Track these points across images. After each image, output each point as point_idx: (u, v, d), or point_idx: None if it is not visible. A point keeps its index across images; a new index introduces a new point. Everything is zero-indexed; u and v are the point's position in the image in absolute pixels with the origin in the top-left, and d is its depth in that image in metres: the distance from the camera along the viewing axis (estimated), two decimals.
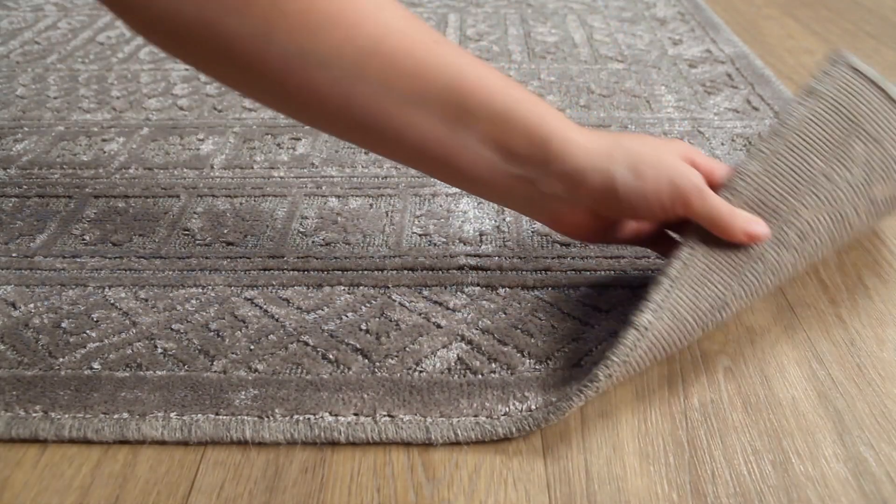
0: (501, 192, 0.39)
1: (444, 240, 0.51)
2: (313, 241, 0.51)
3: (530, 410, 0.37)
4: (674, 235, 0.42)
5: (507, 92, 0.36)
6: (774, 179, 0.39)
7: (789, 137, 0.40)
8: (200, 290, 0.46)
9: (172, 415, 0.38)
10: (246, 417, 0.37)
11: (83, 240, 0.51)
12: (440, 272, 0.48)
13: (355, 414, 0.38)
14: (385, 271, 0.48)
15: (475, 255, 0.49)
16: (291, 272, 0.48)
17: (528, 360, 0.41)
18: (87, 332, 0.43)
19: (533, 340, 0.42)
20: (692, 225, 0.38)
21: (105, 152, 0.62)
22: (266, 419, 0.37)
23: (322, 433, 0.37)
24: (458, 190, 0.56)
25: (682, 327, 0.37)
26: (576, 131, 0.37)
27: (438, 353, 0.41)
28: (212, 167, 0.60)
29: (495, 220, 0.53)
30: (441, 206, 0.54)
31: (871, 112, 0.40)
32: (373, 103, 0.34)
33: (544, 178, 0.37)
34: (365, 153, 0.61)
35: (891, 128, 0.40)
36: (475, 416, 0.37)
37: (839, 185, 0.39)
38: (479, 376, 0.40)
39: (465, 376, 0.40)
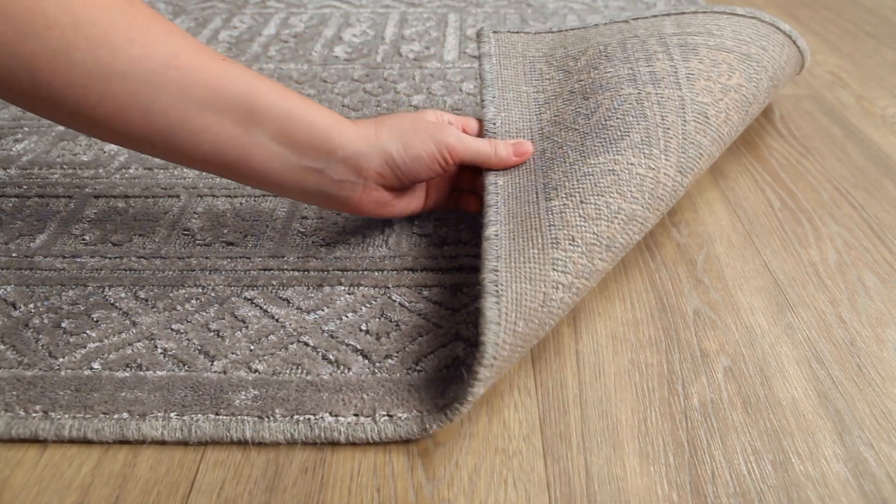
0: (296, 185, 0.42)
1: (444, 240, 0.51)
2: (313, 241, 0.51)
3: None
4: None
5: (289, 96, 0.41)
6: (509, 110, 0.51)
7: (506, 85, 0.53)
8: (200, 290, 0.46)
9: (172, 415, 0.38)
10: (246, 417, 0.37)
11: (83, 240, 0.51)
12: (440, 272, 0.48)
13: (355, 414, 0.38)
14: (385, 271, 0.48)
15: (475, 256, 0.49)
16: (291, 272, 0.48)
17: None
18: (87, 332, 0.43)
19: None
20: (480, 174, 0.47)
21: (105, 152, 0.62)
22: (266, 419, 0.37)
23: (322, 433, 0.37)
24: None
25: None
26: (348, 123, 0.42)
27: (438, 353, 0.41)
28: None
29: None
30: None
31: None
32: (171, 111, 0.38)
33: (332, 166, 0.42)
34: None
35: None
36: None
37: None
38: None
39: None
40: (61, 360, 0.41)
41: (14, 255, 0.50)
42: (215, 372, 0.40)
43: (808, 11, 0.95)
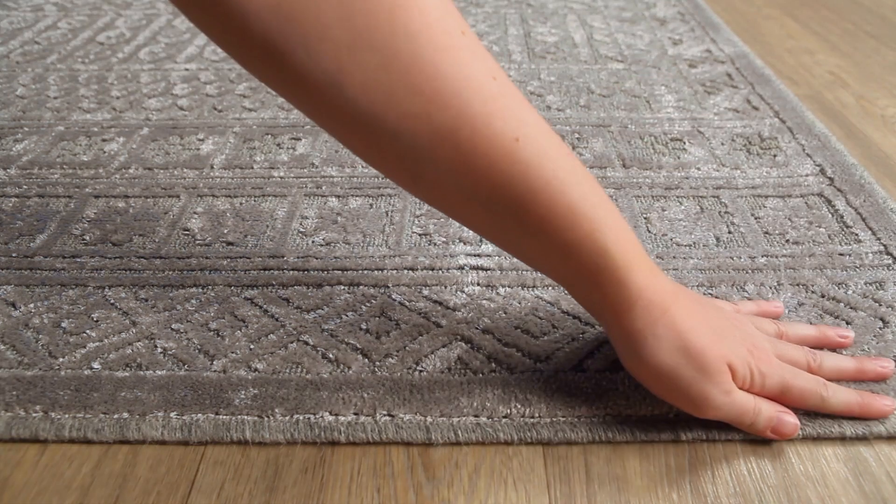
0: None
1: (444, 240, 0.51)
2: (313, 241, 0.51)
3: (533, 417, 0.37)
4: None
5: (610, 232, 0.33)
6: None
7: None
8: (200, 290, 0.46)
9: (172, 414, 0.38)
10: (246, 417, 0.37)
11: (83, 240, 0.51)
12: (440, 272, 0.48)
13: (355, 413, 0.38)
14: (385, 271, 0.48)
15: (475, 255, 0.49)
16: (291, 272, 0.48)
17: (527, 360, 0.41)
18: (87, 331, 0.43)
19: (533, 340, 0.42)
20: None
21: (105, 152, 0.62)
22: (266, 419, 0.37)
23: (322, 433, 0.37)
24: None
25: None
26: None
27: (438, 353, 0.41)
28: (212, 167, 0.60)
29: None
30: None
31: None
32: (436, 188, 0.32)
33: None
34: None
35: None
36: (475, 416, 0.37)
37: None
38: (480, 375, 0.40)
39: (464, 375, 0.40)
40: (61, 359, 0.41)
41: (14, 255, 0.50)
42: (215, 371, 0.40)
43: (808, 11, 0.95)
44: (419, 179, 0.32)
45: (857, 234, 0.51)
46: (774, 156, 0.61)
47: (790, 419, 0.36)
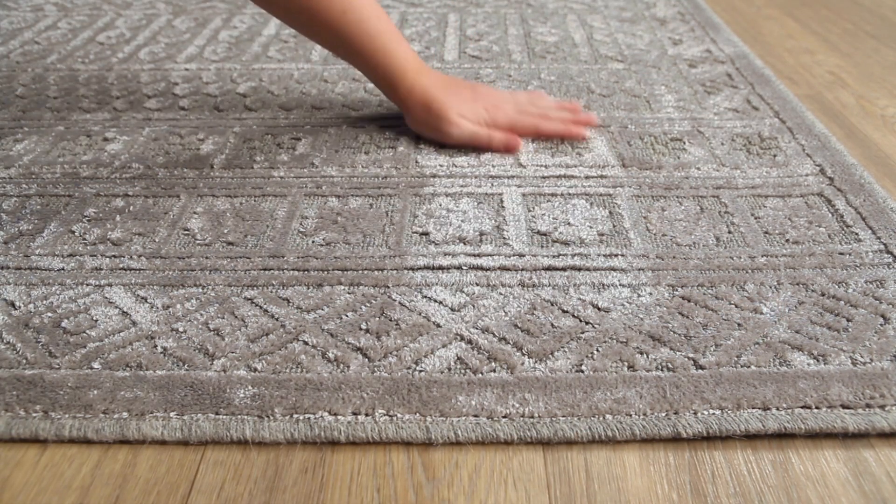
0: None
1: (444, 240, 0.51)
2: (313, 241, 0.51)
3: (533, 417, 0.37)
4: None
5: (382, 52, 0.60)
6: None
7: None
8: (200, 290, 0.46)
9: (172, 414, 0.38)
10: (246, 417, 0.37)
11: (83, 239, 0.51)
12: (440, 272, 0.48)
13: (354, 413, 0.38)
14: (385, 271, 0.48)
15: (475, 255, 0.49)
16: (291, 272, 0.48)
17: (527, 360, 0.41)
18: (87, 331, 0.43)
19: (532, 340, 0.42)
20: None
21: (105, 152, 0.62)
22: (266, 418, 0.37)
23: (322, 432, 0.37)
24: (457, 190, 0.56)
25: None
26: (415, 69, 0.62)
27: (438, 353, 0.41)
28: (212, 167, 0.60)
29: (495, 220, 0.53)
30: (441, 205, 0.54)
31: None
32: (303, 30, 0.61)
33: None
34: (365, 153, 0.61)
35: None
36: (475, 416, 0.37)
37: None
38: (479, 375, 0.40)
39: (464, 375, 0.40)
40: (61, 359, 0.41)
41: (14, 254, 0.50)
42: (215, 371, 0.40)
43: (808, 11, 0.95)
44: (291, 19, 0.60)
45: (857, 234, 0.51)
46: (774, 156, 0.61)
47: (514, 138, 0.61)
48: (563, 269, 0.48)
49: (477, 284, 0.46)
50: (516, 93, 0.67)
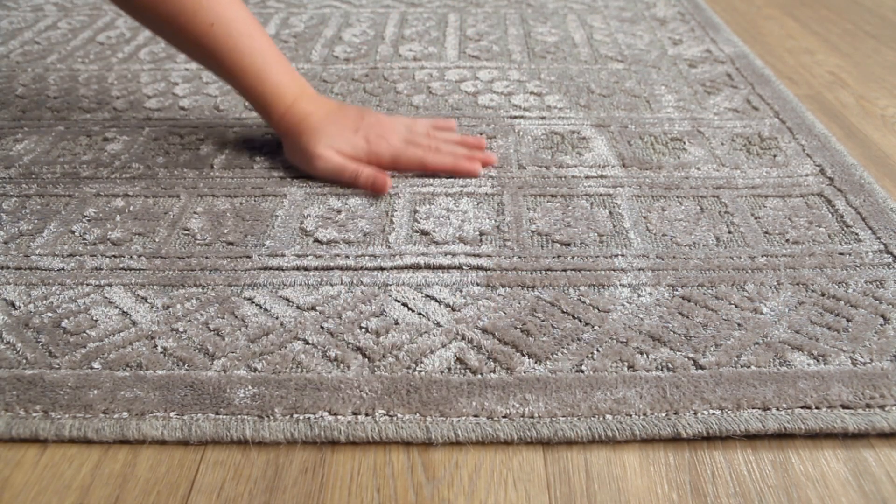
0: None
1: (444, 239, 0.51)
2: (313, 240, 0.51)
3: (533, 417, 0.37)
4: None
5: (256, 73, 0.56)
6: None
7: None
8: (200, 290, 0.46)
9: (172, 414, 0.38)
10: (246, 417, 0.37)
11: (83, 239, 0.51)
12: (440, 272, 0.48)
13: (354, 413, 0.38)
14: (385, 271, 0.48)
15: (475, 255, 0.49)
16: (291, 271, 0.48)
17: (527, 360, 0.41)
18: (87, 331, 0.43)
19: (532, 340, 0.42)
20: None
21: (105, 152, 0.62)
22: (266, 418, 0.37)
23: (322, 432, 0.37)
24: (458, 190, 0.56)
25: None
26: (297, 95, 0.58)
27: (438, 353, 0.41)
28: (212, 167, 0.60)
29: (495, 220, 0.53)
30: (441, 205, 0.54)
31: None
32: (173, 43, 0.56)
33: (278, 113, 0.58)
34: None
35: None
36: (475, 416, 0.37)
37: None
38: (479, 376, 0.40)
39: (464, 375, 0.40)
40: (61, 359, 0.41)
41: (14, 254, 0.50)
42: (215, 371, 0.40)
43: (808, 11, 0.95)
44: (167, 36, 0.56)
45: (857, 234, 0.51)
46: (774, 156, 0.61)
47: (382, 177, 0.55)
48: (564, 269, 0.48)
49: (477, 285, 0.46)
50: (415, 121, 0.61)
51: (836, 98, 0.71)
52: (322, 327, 0.43)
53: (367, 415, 0.37)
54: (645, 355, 0.41)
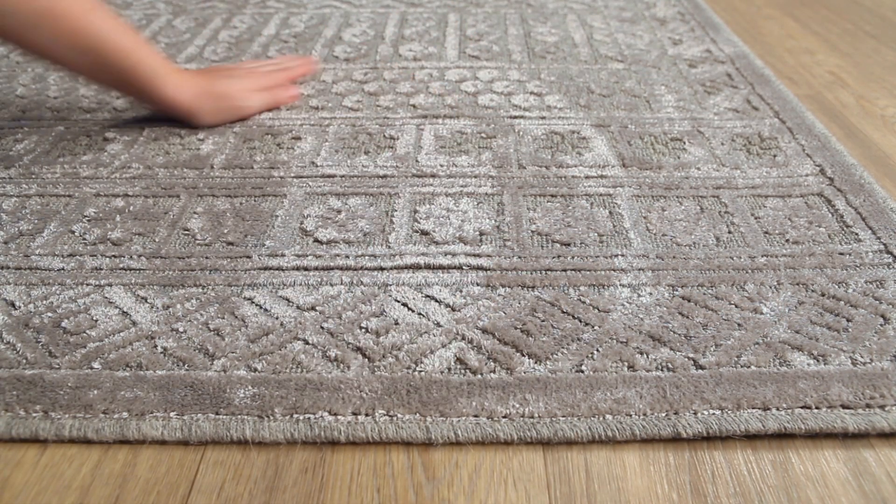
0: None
1: (444, 239, 0.51)
2: (313, 240, 0.51)
3: (533, 417, 0.37)
4: None
5: (134, 51, 0.59)
6: None
7: None
8: (200, 290, 0.46)
9: (172, 414, 0.38)
10: (246, 417, 0.37)
11: (83, 239, 0.51)
12: (440, 272, 0.48)
13: (354, 413, 0.38)
14: (385, 271, 0.48)
15: (475, 255, 0.49)
16: (291, 271, 0.48)
17: (527, 360, 0.41)
18: (87, 331, 0.43)
19: (532, 340, 0.42)
20: None
21: (105, 152, 0.62)
22: (266, 418, 0.37)
23: (322, 432, 0.37)
24: (458, 190, 0.56)
25: None
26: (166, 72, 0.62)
27: (438, 353, 0.41)
28: (212, 167, 0.60)
29: (495, 220, 0.53)
30: (441, 205, 0.54)
31: None
32: (46, 49, 0.56)
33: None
34: (365, 153, 0.61)
35: None
36: (475, 416, 0.37)
37: None
38: (479, 376, 0.40)
39: (464, 375, 0.40)
40: (61, 359, 0.41)
41: (14, 254, 0.50)
42: (215, 371, 0.40)
43: (808, 11, 0.95)
44: (32, 44, 0.55)
45: (857, 234, 0.51)
46: (774, 156, 0.61)
47: (294, 88, 0.70)
48: (564, 270, 0.48)
49: (477, 285, 0.46)
50: (228, 68, 0.71)
51: (836, 98, 0.71)
52: (322, 327, 0.43)
53: (367, 415, 0.37)
54: (645, 355, 0.41)
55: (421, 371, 0.40)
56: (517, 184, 0.57)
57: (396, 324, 0.43)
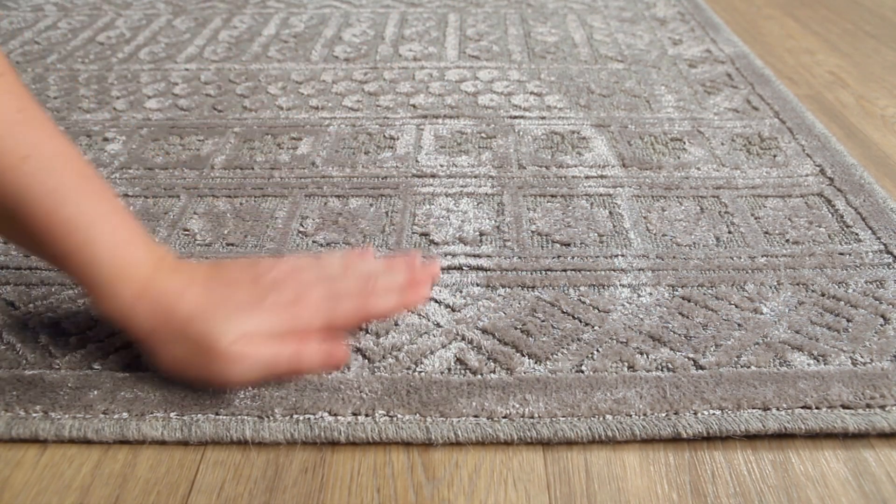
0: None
1: (444, 240, 0.51)
2: (313, 241, 0.51)
3: (533, 417, 0.37)
4: None
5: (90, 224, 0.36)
6: None
7: None
8: None
9: (172, 414, 0.38)
10: (246, 417, 0.37)
11: None
12: (440, 272, 0.48)
13: (354, 413, 0.38)
14: None
15: (475, 255, 0.49)
16: None
17: (527, 360, 0.41)
18: (87, 331, 0.43)
19: (532, 340, 0.42)
20: None
21: (105, 152, 0.62)
22: (266, 419, 0.37)
23: (322, 433, 0.37)
24: (458, 190, 0.56)
25: None
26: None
27: (438, 353, 0.41)
28: (212, 167, 0.60)
29: (495, 220, 0.53)
30: (441, 206, 0.54)
31: None
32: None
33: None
34: (365, 153, 0.61)
35: None
36: (475, 416, 0.37)
37: None
38: (479, 376, 0.40)
39: (464, 376, 0.40)
40: (61, 359, 0.41)
41: (14, 254, 0.50)
42: None
43: (808, 11, 0.95)
44: None
45: (857, 234, 0.51)
46: (774, 156, 0.61)
47: (340, 349, 0.39)
48: (564, 270, 0.48)
49: (477, 285, 0.46)
50: (321, 261, 0.42)
51: (836, 98, 0.71)
52: None
53: (367, 415, 0.37)
54: (645, 355, 0.41)
55: (421, 371, 0.40)
56: (517, 184, 0.57)
57: (396, 324, 0.43)
